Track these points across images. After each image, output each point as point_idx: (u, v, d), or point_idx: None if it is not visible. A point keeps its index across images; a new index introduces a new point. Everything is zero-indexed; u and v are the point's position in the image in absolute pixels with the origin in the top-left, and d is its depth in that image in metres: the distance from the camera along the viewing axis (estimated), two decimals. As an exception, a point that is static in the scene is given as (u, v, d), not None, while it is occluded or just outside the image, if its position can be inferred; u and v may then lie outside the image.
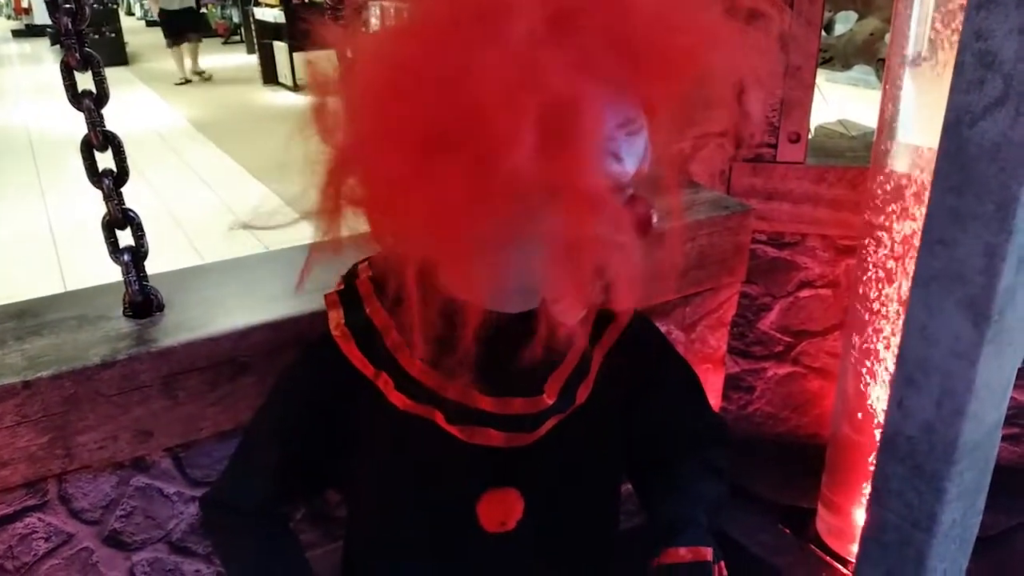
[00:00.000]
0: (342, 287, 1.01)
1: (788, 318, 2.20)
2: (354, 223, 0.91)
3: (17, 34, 19.00)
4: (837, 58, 2.77)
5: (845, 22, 2.86)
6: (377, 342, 0.96)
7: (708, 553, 1.01)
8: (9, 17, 22.06)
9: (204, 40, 17.17)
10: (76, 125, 1.16)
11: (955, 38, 1.42)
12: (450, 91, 0.73)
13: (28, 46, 17.12)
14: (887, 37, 1.94)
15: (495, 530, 1.01)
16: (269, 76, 11.66)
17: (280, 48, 11.26)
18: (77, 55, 1.09)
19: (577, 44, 0.74)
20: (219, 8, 17.89)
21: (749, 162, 2.03)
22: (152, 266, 1.27)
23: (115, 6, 15.30)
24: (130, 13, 21.80)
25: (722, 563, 1.05)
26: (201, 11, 11.86)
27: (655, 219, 0.85)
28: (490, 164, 0.72)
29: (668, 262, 0.94)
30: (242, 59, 14.16)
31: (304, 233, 0.94)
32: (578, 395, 1.01)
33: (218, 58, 14.74)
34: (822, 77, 2.02)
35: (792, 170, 2.02)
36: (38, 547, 1.21)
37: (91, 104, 1.12)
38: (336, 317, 0.98)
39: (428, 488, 1.02)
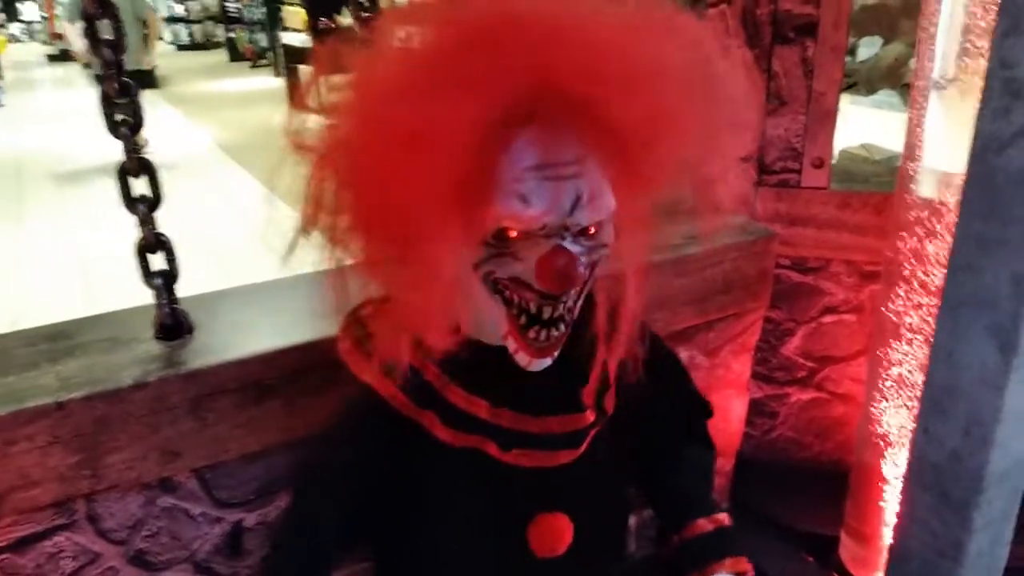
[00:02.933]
0: (353, 342, 1.00)
1: (812, 343, 2.18)
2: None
3: (52, 59, 19.37)
4: (862, 83, 2.76)
5: (870, 47, 2.85)
6: (416, 380, 0.96)
7: (727, 518, 1.10)
8: (44, 42, 22.47)
9: (230, 64, 17.40)
10: (109, 148, 1.19)
11: (981, 63, 1.42)
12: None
13: (61, 70, 17.45)
14: (912, 62, 1.94)
15: (545, 555, 1.01)
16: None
17: (307, 72, 11.36)
18: (116, 85, 1.11)
19: (453, 78, 0.76)
20: (247, 33, 18.13)
21: (773, 188, 2.03)
22: (180, 289, 1.29)
23: (146, 32, 15.51)
24: (160, 38, 22.14)
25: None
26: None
27: (581, 273, 0.84)
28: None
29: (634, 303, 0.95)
30: (270, 82, 14.32)
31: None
32: (606, 405, 1.03)
33: (246, 81, 14.93)
34: (846, 100, 2.02)
35: (816, 195, 2.01)
36: (66, 566, 1.22)
37: (127, 132, 1.14)
38: (370, 370, 0.97)
39: (479, 518, 1.01)
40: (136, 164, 1.15)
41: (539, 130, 0.79)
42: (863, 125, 2.94)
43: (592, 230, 0.86)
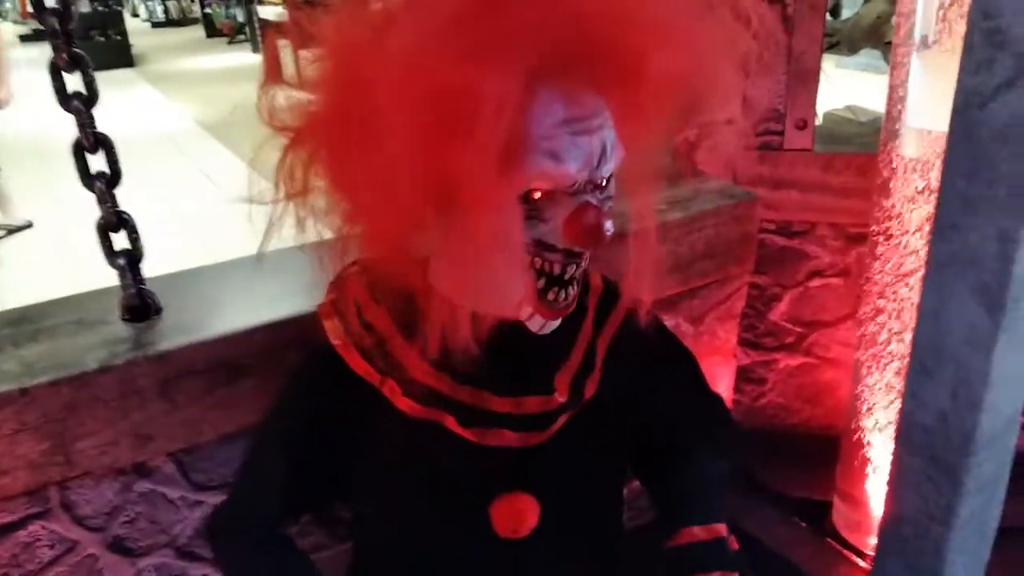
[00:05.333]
0: (333, 296, 0.98)
1: (799, 308, 2.17)
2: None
3: (25, 39, 18.96)
4: (844, 42, 2.74)
5: (852, 6, 2.82)
6: (380, 348, 0.94)
7: (723, 529, 1.04)
8: (15, 22, 22.09)
9: (207, 40, 17.20)
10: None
11: (963, 18, 1.39)
12: (364, 78, 0.76)
13: (35, 51, 17.14)
14: (894, 20, 1.91)
15: (508, 535, 0.99)
16: (274, 75, 11.65)
17: (285, 46, 11.24)
18: (65, 56, 1.07)
19: (486, 34, 0.72)
20: (223, 8, 17.90)
21: (756, 150, 2.00)
22: (159, 268, 1.25)
23: (120, 8, 15.32)
24: (135, 15, 21.85)
25: (732, 538, 1.07)
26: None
27: (609, 228, 0.81)
28: (386, 152, 0.75)
29: (643, 263, 0.92)
30: (247, 58, 14.16)
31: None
32: (586, 390, 1.00)
33: (224, 58, 14.76)
34: (831, 62, 1.99)
35: (800, 157, 1.99)
36: (43, 555, 1.20)
37: (80, 105, 1.10)
38: (334, 327, 0.95)
39: (441, 493, 0.99)
40: (92, 139, 1.11)
41: (563, 84, 0.77)
42: (849, 88, 2.92)
43: (605, 182, 0.84)
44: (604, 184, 0.84)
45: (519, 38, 0.73)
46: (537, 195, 0.80)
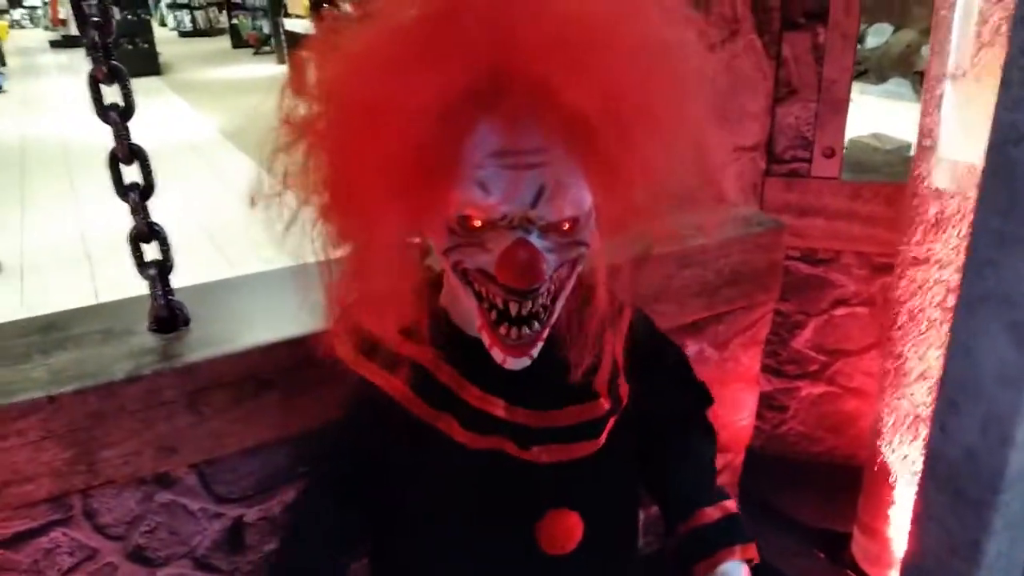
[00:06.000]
0: (353, 341, 0.97)
1: (823, 336, 2.16)
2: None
3: (55, 45, 19.23)
4: (872, 71, 2.73)
5: (878, 35, 2.82)
6: (429, 382, 0.93)
7: (732, 505, 1.06)
8: (46, 28, 22.38)
9: (233, 51, 17.36)
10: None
11: (998, 51, 1.39)
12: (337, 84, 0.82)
13: (65, 57, 17.33)
14: (924, 49, 1.91)
15: (554, 552, 0.99)
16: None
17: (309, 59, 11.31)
18: (104, 68, 1.08)
19: (416, 51, 0.74)
20: (250, 19, 18.08)
21: (783, 177, 1.99)
22: (183, 278, 1.26)
23: (148, 18, 15.50)
24: (163, 24, 22.10)
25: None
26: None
27: (545, 270, 0.81)
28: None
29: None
30: (273, 69, 14.27)
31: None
32: (621, 394, 1.02)
33: (249, 68, 14.89)
34: (855, 88, 1.99)
35: (827, 185, 1.98)
36: (62, 562, 1.20)
37: (117, 117, 1.11)
38: (373, 370, 0.95)
39: (489, 514, 0.99)
40: (127, 150, 1.12)
41: (503, 115, 0.76)
42: (874, 114, 2.91)
43: (566, 226, 0.82)
44: (567, 228, 0.82)
45: (440, 61, 0.74)
46: (476, 223, 0.80)
